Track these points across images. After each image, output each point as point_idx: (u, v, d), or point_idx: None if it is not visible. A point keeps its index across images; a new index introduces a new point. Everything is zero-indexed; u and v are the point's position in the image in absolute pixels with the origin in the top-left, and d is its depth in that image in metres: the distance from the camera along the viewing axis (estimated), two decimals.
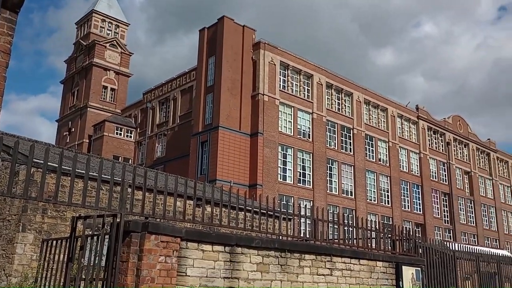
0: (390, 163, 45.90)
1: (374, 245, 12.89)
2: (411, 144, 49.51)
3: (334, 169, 40.67)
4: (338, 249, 11.21)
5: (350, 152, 42.33)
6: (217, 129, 34.50)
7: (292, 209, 11.93)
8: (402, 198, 46.51)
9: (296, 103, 38.87)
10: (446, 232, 50.68)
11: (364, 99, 44.92)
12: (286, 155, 37.23)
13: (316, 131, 39.60)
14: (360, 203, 41.17)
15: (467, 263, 18.36)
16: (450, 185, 52.81)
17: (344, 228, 12.51)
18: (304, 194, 37.14)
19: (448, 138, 54.58)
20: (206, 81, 37.54)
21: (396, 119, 48.18)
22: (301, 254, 10.13)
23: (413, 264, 12.94)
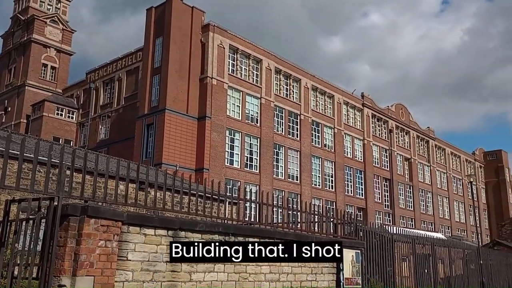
0: (335, 149, 46.98)
1: (317, 229, 13.18)
2: (356, 130, 50.85)
3: (280, 154, 41.13)
4: (282, 233, 11.36)
5: (296, 138, 42.91)
6: (163, 111, 33.88)
7: (238, 193, 11.95)
8: (346, 183, 47.83)
9: (245, 87, 38.81)
10: (386, 216, 52.73)
11: (311, 85, 45.52)
12: (233, 140, 37.22)
13: (264, 116, 39.80)
14: (305, 187, 41.96)
15: (404, 245, 19.17)
16: (391, 171, 54.84)
17: (288, 212, 12.70)
18: (251, 178, 37.36)
19: (391, 125, 56.49)
20: (153, 62, 36.67)
21: (342, 106, 49.25)
22: (245, 238, 10.18)
23: (353, 247, 13.35)
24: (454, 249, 23.31)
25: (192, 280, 8.97)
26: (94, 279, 7.33)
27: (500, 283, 26.38)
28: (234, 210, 12.68)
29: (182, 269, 8.94)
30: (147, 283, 8.32)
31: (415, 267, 18.91)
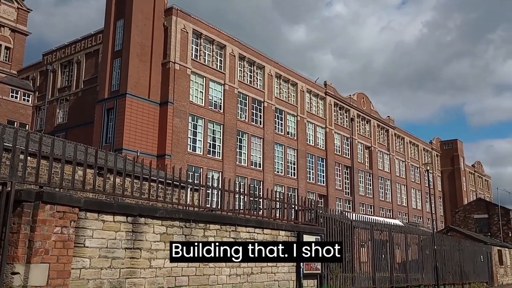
0: (297, 136, 47.37)
1: (278, 215, 13.28)
2: (318, 119, 51.40)
3: (244, 141, 41.13)
4: (243, 219, 11.38)
5: (260, 125, 42.98)
6: (124, 96, 33.15)
7: (200, 180, 11.87)
8: (308, 171, 48.42)
9: (208, 73, 38.44)
10: (347, 203, 53.82)
11: (275, 73, 45.58)
12: (196, 126, 36.89)
13: (228, 102, 39.60)
14: (267, 174, 42.21)
15: (363, 231, 19.63)
16: (352, 159, 55.89)
17: (250, 198, 12.72)
18: (214, 165, 37.24)
19: (352, 114, 57.41)
20: (114, 45, 35.72)
21: (305, 94, 49.60)
22: (206, 224, 10.14)
23: (314, 233, 13.54)
24: (410, 235, 24.06)
25: (152, 267, 8.88)
26: (49, 266, 7.16)
27: (453, 267, 27.48)
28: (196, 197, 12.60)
29: (142, 256, 8.84)
30: (105, 270, 8.18)
31: (373, 253, 19.41)
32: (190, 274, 9.59)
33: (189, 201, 11.66)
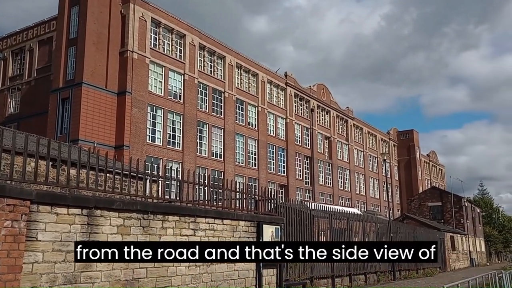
0: (258, 127, 47.46)
1: (239, 206, 13.27)
2: (279, 109, 51.65)
3: (204, 131, 40.83)
4: (203, 210, 11.31)
5: (220, 116, 42.77)
6: (80, 85, 32.18)
7: (159, 171, 11.70)
8: (268, 161, 48.67)
9: (168, 63, 37.83)
10: (307, 193, 54.52)
11: (236, 63, 45.38)
12: (155, 116, 36.30)
13: (188, 92, 39.15)
14: (228, 165, 42.14)
15: (322, 220, 19.95)
16: (312, 149, 56.57)
17: (209, 189, 12.64)
18: (174, 156, 36.81)
19: (313, 105, 58.01)
20: (68, 33, 34.53)
21: (266, 84, 49.69)
22: (165, 216, 10.02)
23: (273, 223, 13.63)
24: (368, 223, 24.67)
25: None
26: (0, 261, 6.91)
27: None
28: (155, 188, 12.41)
29: None
30: (59, 264, 7.97)
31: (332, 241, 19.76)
32: (148, 266, 9.46)
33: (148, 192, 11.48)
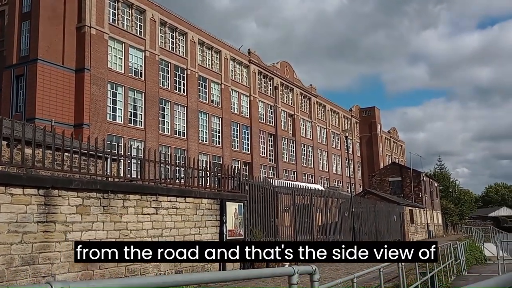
0: (222, 105, 47.16)
1: (202, 184, 13.21)
2: (243, 87, 51.41)
3: (167, 109, 40.25)
4: (165, 188, 11.21)
5: (183, 93, 42.19)
6: (35, 62, 30.94)
7: (119, 150, 11.44)
8: (232, 139, 48.60)
9: (128, 39, 36.80)
10: (271, 170, 54.92)
11: (198, 39, 44.65)
12: (116, 94, 35.43)
13: (149, 70, 38.33)
14: (192, 143, 41.81)
15: (285, 197, 20.16)
16: (276, 127, 56.83)
17: (172, 168, 12.51)
18: (135, 134, 36.19)
19: (276, 82, 58.01)
20: (21, 7, 32.98)
21: (229, 62, 49.22)
22: (126, 195, 9.87)
23: (236, 200, 13.67)
24: (330, 199, 25.11)
25: (68, 240, 8.54)
26: None
27: (369, 227, 29.20)
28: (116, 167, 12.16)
29: (57, 229, 8.46)
30: (16, 246, 7.77)
31: (295, 217, 20.05)
32: None
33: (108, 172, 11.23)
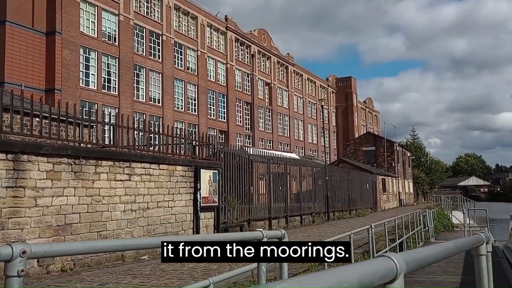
0: (198, 72, 46.53)
1: (176, 151, 13.12)
2: (219, 54, 50.72)
3: (141, 75, 39.51)
4: (138, 155, 11.10)
5: (158, 59, 41.40)
6: (3, 24, 29.74)
7: (96, 116, 11.22)
8: (208, 107, 48.23)
9: (100, 2, 35.60)
10: (247, 139, 54.98)
11: (174, 4, 43.56)
12: (89, 59, 34.52)
13: (123, 35, 37.34)
14: (167, 111, 41.35)
15: (261, 165, 20.27)
16: (252, 95, 56.56)
17: (146, 134, 12.36)
18: (109, 101, 35.53)
19: (253, 50, 57.40)
20: None
21: (206, 28, 48.33)
22: (98, 161, 9.74)
23: (211, 168, 13.66)
24: (305, 167, 25.38)
25: (38, 205, 8.42)
26: None
27: (342, 196, 29.74)
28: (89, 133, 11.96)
29: (26, 195, 8.33)
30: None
31: (270, 185, 20.23)
32: (81, 211, 9.26)
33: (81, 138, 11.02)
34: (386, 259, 1.08)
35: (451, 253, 1.72)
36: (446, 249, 1.67)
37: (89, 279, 8.14)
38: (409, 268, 1.16)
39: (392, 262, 1.07)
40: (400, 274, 1.07)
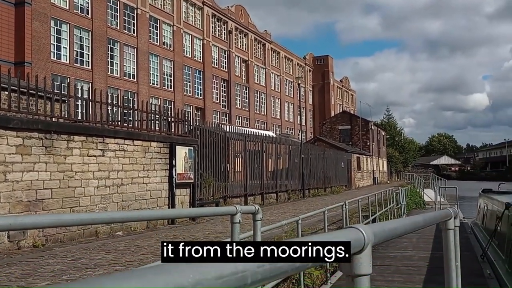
0: (174, 47, 45.80)
1: (152, 127, 12.97)
2: (196, 30, 49.95)
3: (115, 50, 38.66)
4: (112, 130, 10.92)
5: (133, 34, 40.51)
6: None
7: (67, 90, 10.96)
8: (185, 83, 47.68)
9: None
10: (224, 116, 54.74)
11: None
12: (60, 32, 33.53)
13: (96, 7, 36.30)
14: (142, 86, 40.72)
15: (237, 143, 20.25)
16: (229, 72, 56.13)
17: (120, 110, 12.16)
18: (82, 75, 34.73)
19: (230, 26, 56.71)
20: None
21: (182, 2, 47.40)
22: (70, 136, 9.55)
23: (187, 144, 13.56)
24: (281, 145, 25.50)
25: (8, 181, 8.24)
26: None
27: (317, 173, 30.05)
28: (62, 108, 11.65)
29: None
30: None
31: (246, 163, 20.27)
32: (53, 187, 9.11)
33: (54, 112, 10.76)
34: (355, 230, 1.08)
35: (419, 226, 1.74)
36: (415, 222, 1.68)
37: (62, 254, 8.05)
38: (377, 239, 1.15)
39: (360, 233, 1.07)
40: (367, 245, 1.07)
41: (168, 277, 0.58)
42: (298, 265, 0.78)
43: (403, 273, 8.67)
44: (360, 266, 1.06)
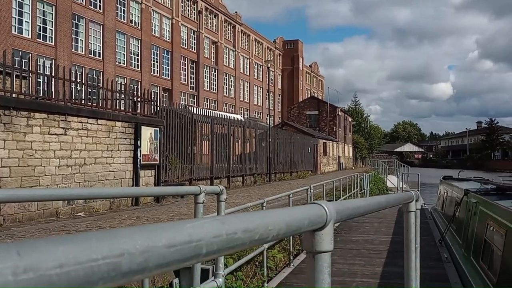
0: (142, 26, 44.78)
1: (117, 106, 12.68)
2: (164, 8, 48.94)
3: (80, 26, 37.47)
4: (75, 108, 10.62)
5: (99, 10, 39.33)
6: None
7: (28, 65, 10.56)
8: (152, 63, 46.83)
9: None
10: (191, 98, 54.16)
11: None
12: (22, 5, 32.18)
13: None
14: (108, 65, 39.75)
15: (204, 125, 20.09)
16: (198, 54, 55.41)
17: (84, 88, 11.83)
18: (45, 51, 33.57)
19: (200, 6, 55.82)
20: None
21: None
22: (30, 113, 9.23)
23: (152, 125, 13.35)
24: (249, 129, 25.46)
25: None
26: None
27: (284, 158, 30.24)
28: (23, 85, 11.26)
29: None
30: None
31: (213, 145, 20.16)
32: (12, 165, 8.81)
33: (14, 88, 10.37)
34: (317, 206, 1.05)
35: (382, 206, 1.73)
36: (378, 203, 1.67)
37: (20, 235, 7.83)
38: (339, 217, 1.13)
39: (322, 209, 1.04)
40: (329, 221, 1.04)
41: (114, 242, 0.52)
42: (257, 237, 0.74)
43: (364, 256, 8.85)
44: (321, 243, 1.04)
